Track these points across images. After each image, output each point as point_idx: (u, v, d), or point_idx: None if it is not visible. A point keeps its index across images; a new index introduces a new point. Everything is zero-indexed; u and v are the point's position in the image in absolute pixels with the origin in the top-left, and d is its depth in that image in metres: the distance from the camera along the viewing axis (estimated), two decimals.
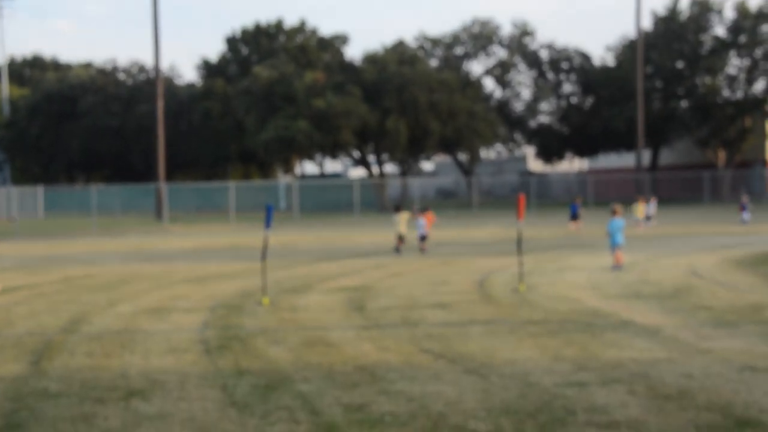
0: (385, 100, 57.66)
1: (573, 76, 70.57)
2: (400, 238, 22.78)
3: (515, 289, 14.11)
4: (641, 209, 33.13)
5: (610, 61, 69.50)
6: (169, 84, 72.71)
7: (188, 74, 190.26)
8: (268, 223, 13.65)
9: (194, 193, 59.56)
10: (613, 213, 17.62)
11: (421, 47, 68.39)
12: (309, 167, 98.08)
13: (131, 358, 9.18)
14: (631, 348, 9.05)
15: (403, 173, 66.44)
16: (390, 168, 76.50)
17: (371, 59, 60.92)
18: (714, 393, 7.06)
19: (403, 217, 23.16)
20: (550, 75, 70.58)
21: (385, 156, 64.73)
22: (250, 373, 8.26)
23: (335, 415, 6.69)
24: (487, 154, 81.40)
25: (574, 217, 33.83)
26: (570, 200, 40.34)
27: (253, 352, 9.32)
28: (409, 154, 63.51)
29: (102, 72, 77.25)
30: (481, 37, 68.57)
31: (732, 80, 63.89)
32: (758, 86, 63.83)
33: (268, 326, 11.07)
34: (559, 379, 7.65)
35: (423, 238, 23.15)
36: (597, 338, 9.64)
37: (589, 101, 70.48)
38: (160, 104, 49.61)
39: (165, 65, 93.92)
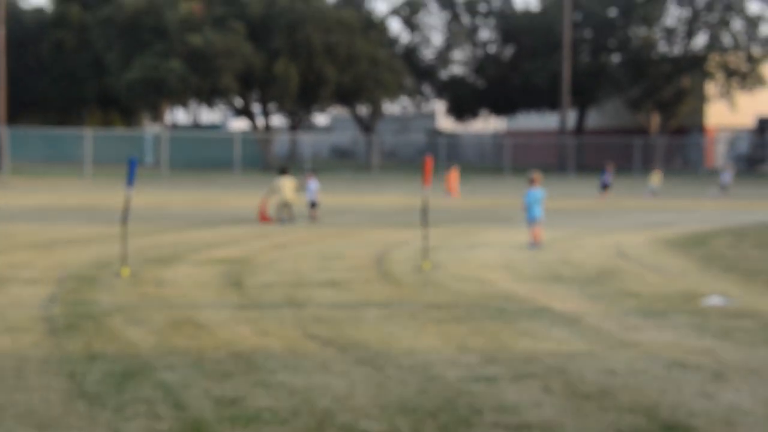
0: (273, 39, 57.11)
1: (491, 22, 71.20)
2: (285, 207, 22.47)
3: (418, 267, 14.23)
4: (656, 178, 35.57)
5: (535, 5, 70.53)
6: (12, 8, 70.28)
7: None
8: (130, 180, 13.40)
9: (42, 140, 58.08)
10: (531, 182, 17.90)
11: None
12: (182, 116, 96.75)
13: None
14: (547, 339, 9.24)
15: (293, 127, 66.11)
16: (278, 121, 76.01)
17: None
18: (639, 392, 7.26)
19: (287, 182, 22.62)
20: (466, 19, 71.03)
21: (272, 106, 64.21)
22: (103, 359, 8.12)
23: (203, 410, 6.63)
24: (390, 108, 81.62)
25: (605, 186, 35.31)
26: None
27: (109, 334, 9.17)
28: (301, 104, 63.16)
29: None
30: None
31: (670, 33, 65.53)
32: (698, 41, 65.68)
33: (127, 303, 10.91)
34: (465, 373, 7.75)
35: (314, 205, 23.15)
36: (509, 326, 9.80)
37: (509, 51, 71.30)
38: (1, 31, 48.04)
39: None
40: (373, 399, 6.97)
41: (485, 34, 71.98)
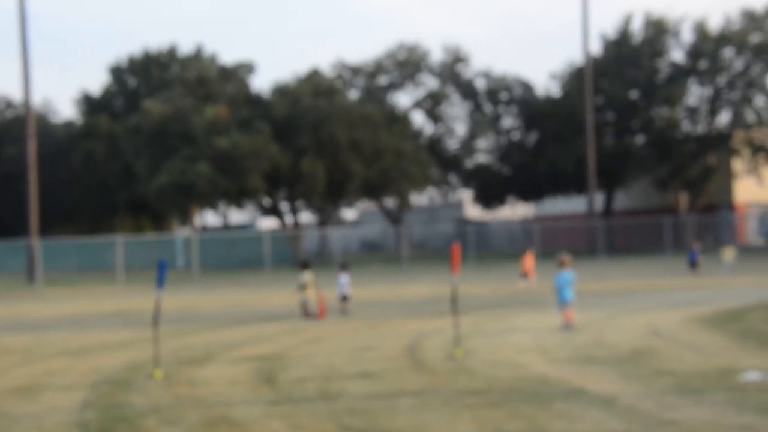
0: (298, 138, 57.80)
1: (514, 109, 71.72)
2: (306, 304, 22.47)
3: (451, 354, 14.15)
4: (729, 254, 34.89)
5: (556, 91, 70.86)
6: (43, 122, 71.86)
7: (66, 110, 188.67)
8: (160, 283, 13.50)
9: (75, 249, 58.61)
10: (561, 264, 17.85)
11: (340, 77, 68.89)
12: (211, 218, 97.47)
13: None
14: (583, 420, 9.13)
15: (322, 223, 66.49)
16: (306, 217, 76.51)
17: (282, 91, 61.13)
18: None
19: (308, 277, 22.76)
20: (488, 107, 71.62)
21: (299, 203, 64.72)
22: None
23: None
24: (418, 199, 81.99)
25: (693, 264, 35.83)
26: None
27: None
28: (328, 200, 63.61)
29: None
30: (408, 64, 69.41)
31: (693, 112, 65.64)
32: (722, 119, 65.66)
33: (161, 404, 10.90)
34: None
35: (345, 298, 23.18)
36: (545, 409, 9.71)
37: (533, 137, 71.63)
38: (32, 146, 48.88)
39: (37, 99, 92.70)
40: None
41: (508, 121, 72.46)
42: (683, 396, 10.21)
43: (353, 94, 68.51)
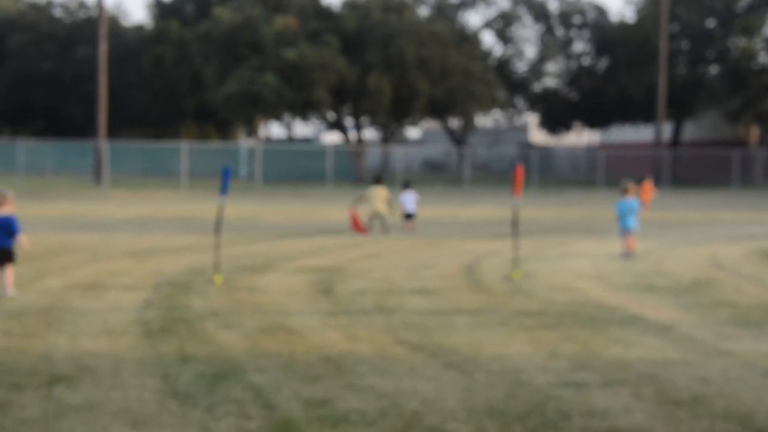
0: (366, 53, 57.52)
1: (586, 33, 70.59)
2: (377, 217, 22.52)
3: (508, 276, 14.16)
4: None
5: (630, 16, 69.61)
6: (115, 24, 72.18)
7: (137, 14, 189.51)
8: (224, 189, 13.61)
9: (140, 153, 59.36)
10: (624, 192, 17.68)
11: None
12: (276, 130, 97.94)
13: (57, 340, 9.15)
14: (639, 346, 9.11)
15: (385, 140, 66.41)
16: (370, 134, 76.48)
17: (352, 5, 60.71)
18: (733, 400, 7.12)
19: (380, 192, 22.61)
20: (560, 31, 70.58)
21: (364, 119, 64.66)
22: (196, 361, 8.26)
23: (293, 411, 6.70)
24: (483, 121, 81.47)
25: None
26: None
27: (201, 337, 9.33)
28: (393, 118, 63.47)
29: (34, 6, 76.50)
30: None
31: None
32: None
33: (219, 308, 11.07)
34: (554, 379, 7.69)
35: (409, 216, 23.28)
36: (600, 334, 9.70)
37: (604, 63, 70.58)
38: (104, 48, 49.24)
39: (110, 2, 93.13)
40: (461, 402, 6.96)
41: (579, 46, 71.42)
42: (742, 327, 10.14)
43: (423, 11, 67.85)
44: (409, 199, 23.50)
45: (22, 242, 11.86)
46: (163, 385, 7.43)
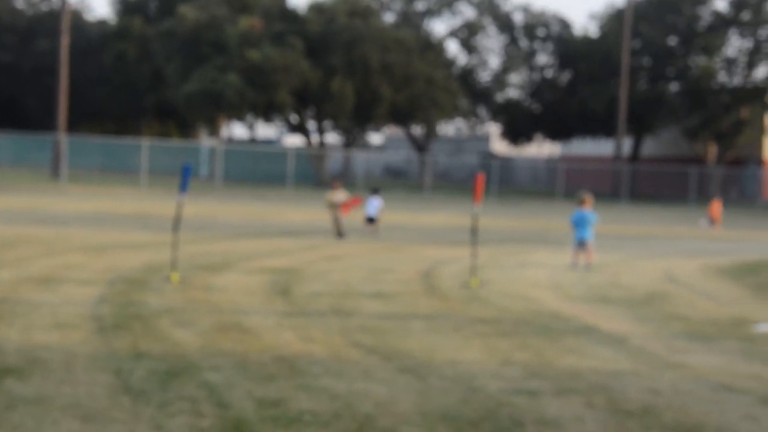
0: (331, 57, 57.47)
1: (549, 46, 71.01)
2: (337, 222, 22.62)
3: (466, 283, 14.21)
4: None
5: (593, 31, 70.10)
6: (77, 18, 71.48)
7: (101, 9, 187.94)
8: (183, 187, 13.54)
9: (100, 148, 58.84)
10: (581, 203, 17.82)
11: None
12: (238, 130, 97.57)
13: (8, 332, 9.06)
14: (592, 356, 9.18)
15: (347, 145, 66.38)
16: (332, 138, 76.37)
17: (318, 8, 60.64)
18: (682, 412, 7.18)
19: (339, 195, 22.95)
20: (524, 43, 70.94)
21: (327, 123, 64.58)
22: (149, 357, 8.21)
23: (246, 410, 6.67)
24: (445, 129, 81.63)
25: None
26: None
27: (156, 334, 9.27)
28: (356, 122, 63.45)
29: None
30: None
31: (730, 64, 64.81)
32: (759, 73, 64.86)
33: (175, 306, 11.01)
34: (507, 386, 7.72)
35: (372, 220, 23.40)
36: (554, 343, 9.76)
37: (566, 76, 71.04)
38: (65, 41, 48.85)
39: None
40: (414, 406, 6.97)
41: (543, 58, 71.82)
42: (694, 341, 10.24)
43: (389, 17, 67.96)
44: (374, 205, 23.65)
45: None
46: (116, 380, 7.37)
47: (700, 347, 9.94)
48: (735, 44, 64.94)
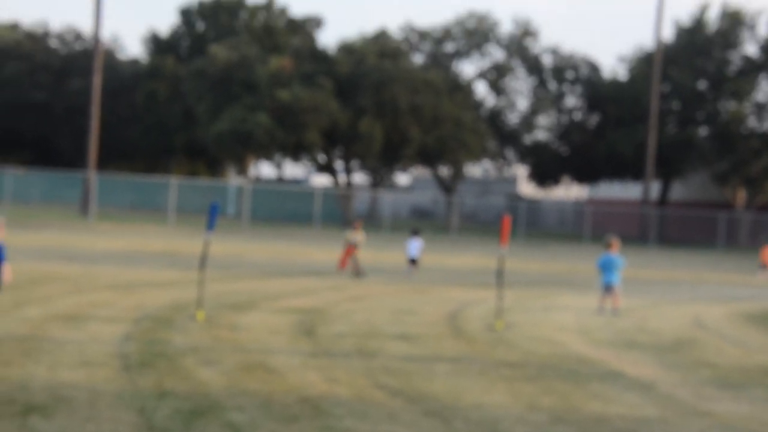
0: (360, 97, 57.76)
1: (578, 89, 71.05)
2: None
3: (491, 325, 14.14)
4: None
5: (622, 74, 70.06)
6: (110, 57, 72.41)
7: (133, 48, 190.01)
8: (211, 225, 13.60)
9: (129, 186, 59.27)
10: (608, 247, 17.69)
11: (407, 40, 68.66)
12: (266, 170, 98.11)
13: (35, 369, 9.09)
14: (618, 402, 9.10)
15: (375, 185, 66.51)
16: (359, 178, 76.59)
17: (347, 49, 61.04)
18: None
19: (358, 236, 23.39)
20: (552, 85, 71.02)
21: (354, 163, 64.79)
22: (174, 396, 8.21)
23: None
24: (472, 171, 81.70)
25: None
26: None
27: (180, 373, 9.27)
28: (383, 163, 63.62)
29: (30, 36, 76.67)
30: (476, 33, 68.97)
31: (760, 108, 64.56)
32: None
33: (200, 344, 11.02)
34: (533, 431, 7.66)
35: (413, 261, 23.72)
36: (580, 388, 9.68)
37: (595, 119, 70.97)
38: (97, 80, 49.37)
39: (106, 35, 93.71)
40: None
41: (571, 100, 71.83)
42: (722, 389, 10.14)
43: (418, 59, 68.30)
44: (415, 246, 24.09)
45: (6, 274, 11.24)
46: (139, 419, 7.38)
47: (729, 395, 9.83)
48: (765, 89, 64.73)
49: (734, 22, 63.83)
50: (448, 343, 12.45)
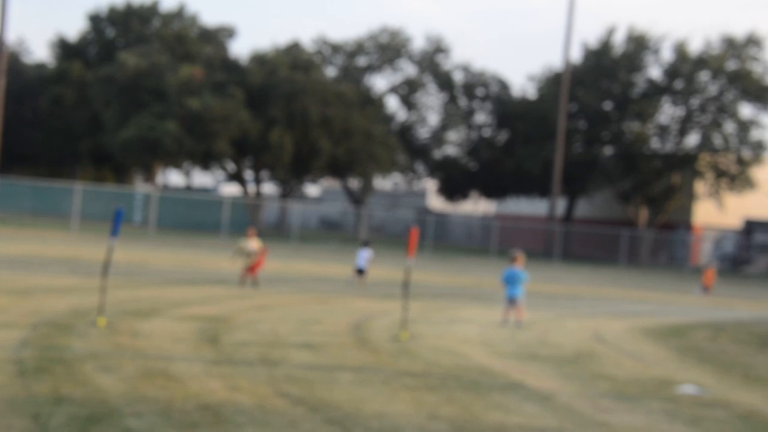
0: (270, 108, 57.55)
1: (488, 105, 71.87)
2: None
3: (396, 336, 14.18)
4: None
5: (531, 93, 71.08)
6: (15, 60, 70.92)
7: (39, 52, 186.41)
8: (115, 231, 13.39)
9: (31, 191, 58.02)
10: (513, 261, 17.91)
11: (319, 52, 68.66)
12: (174, 178, 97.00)
13: None
14: (518, 413, 9.19)
15: (284, 195, 66.28)
16: (269, 188, 76.22)
17: (259, 59, 60.82)
18: None
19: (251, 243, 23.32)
20: (463, 101, 71.71)
21: (264, 173, 64.49)
22: (70, 402, 8.04)
23: None
24: (382, 184, 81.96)
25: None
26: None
27: (78, 379, 9.10)
28: (293, 174, 63.44)
29: None
30: (388, 48, 69.27)
31: (663, 130, 66.06)
32: (690, 140, 66.14)
33: (100, 351, 10.83)
34: None
35: (361, 272, 24.11)
36: (481, 398, 9.75)
37: (503, 136, 71.86)
38: (1, 82, 48.31)
39: (11, 37, 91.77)
40: None
41: (481, 117, 72.62)
42: (619, 401, 10.31)
43: (330, 71, 68.34)
44: (363, 256, 24.64)
45: None
46: (33, 425, 7.21)
47: (625, 407, 10.00)
48: (668, 112, 66.29)
49: (639, 46, 65.26)
50: (352, 352, 12.44)
